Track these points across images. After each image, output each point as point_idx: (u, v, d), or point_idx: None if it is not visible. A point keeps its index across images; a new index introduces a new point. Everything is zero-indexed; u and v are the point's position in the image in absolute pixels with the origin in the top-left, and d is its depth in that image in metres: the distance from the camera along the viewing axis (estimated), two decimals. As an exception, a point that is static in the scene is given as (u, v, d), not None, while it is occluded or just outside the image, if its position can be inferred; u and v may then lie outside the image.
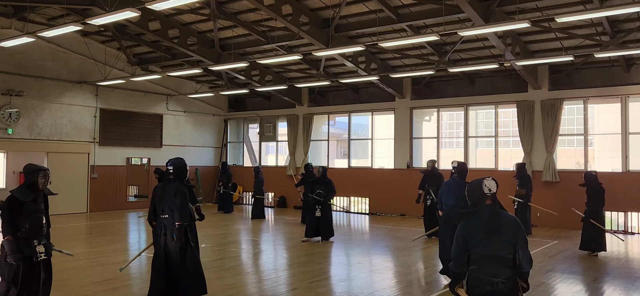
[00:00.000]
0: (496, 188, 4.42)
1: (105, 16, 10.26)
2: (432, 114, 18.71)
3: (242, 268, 9.42)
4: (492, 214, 4.36)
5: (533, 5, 11.65)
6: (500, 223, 4.33)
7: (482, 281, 4.31)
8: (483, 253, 4.30)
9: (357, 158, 22.16)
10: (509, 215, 4.46)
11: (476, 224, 4.37)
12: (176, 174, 6.64)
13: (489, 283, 4.27)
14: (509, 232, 4.31)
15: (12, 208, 5.60)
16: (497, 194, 4.45)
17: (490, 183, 4.44)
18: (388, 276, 8.95)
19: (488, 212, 4.37)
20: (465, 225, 4.46)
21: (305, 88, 19.82)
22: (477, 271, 4.35)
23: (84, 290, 7.42)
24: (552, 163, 14.97)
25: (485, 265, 4.31)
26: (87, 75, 17.54)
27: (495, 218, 4.35)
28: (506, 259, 4.30)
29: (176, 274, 6.45)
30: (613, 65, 14.49)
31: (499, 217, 4.38)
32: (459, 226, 4.47)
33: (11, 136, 15.80)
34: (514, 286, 4.34)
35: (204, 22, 14.82)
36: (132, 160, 19.10)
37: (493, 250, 4.29)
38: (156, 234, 6.55)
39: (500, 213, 4.41)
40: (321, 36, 13.36)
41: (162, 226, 6.47)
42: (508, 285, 4.29)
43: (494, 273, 4.28)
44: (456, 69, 14.84)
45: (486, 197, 4.39)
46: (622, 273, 9.02)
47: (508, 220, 4.39)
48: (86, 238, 12.86)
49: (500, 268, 4.29)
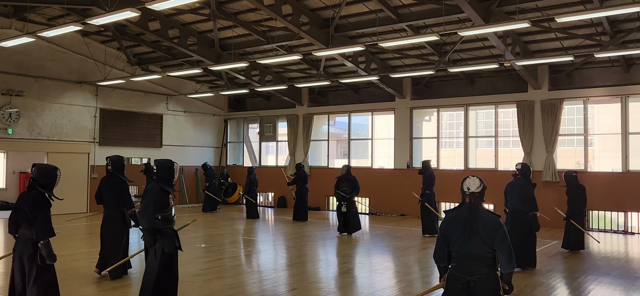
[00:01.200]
0: (478, 187, 4.46)
1: (105, 16, 10.26)
2: (432, 114, 18.70)
3: (242, 268, 9.42)
4: (470, 213, 4.39)
5: (533, 5, 11.65)
6: (477, 223, 4.34)
7: (458, 278, 4.35)
8: (460, 250, 4.38)
9: (357, 158, 22.17)
10: (489, 215, 4.45)
11: (456, 221, 4.44)
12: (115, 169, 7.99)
13: (463, 280, 4.31)
14: (486, 232, 4.32)
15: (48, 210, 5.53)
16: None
17: (469, 182, 4.50)
18: (388, 276, 8.95)
19: (468, 210, 4.42)
20: (446, 222, 4.54)
21: (305, 88, 19.82)
22: (455, 268, 4.42)
23: (84, 290, 7.42)
24: (552, 163, 14.97)
25: (462, 263, 4.38)
26: (87, 75, 17.54)
27: (473, 217, 4.36)
28: (483, 258, 4.32)
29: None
30: (613, 65, 14.49)
31: (478, 216, 4.38)
32: (441, 222, 4.64)
33: (11, 136, 15.81)
34: (493, 285, 4.33)
35: (204, 22, 14.82)
36: (132, 160, 19.09)
37: (469, 248, 4.34)
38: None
39: (479, 212, 4.41)
40: (321, 36, 13.36)
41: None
42: (484, 284, 4.28)
43: (470, 271, 4.32)
44: (456, 68, 14.83)
45: (465, 195, 4.46)
46: (622, 273, 9.02)
47: (487, 219, 4.39)
48: (86, 238, 12.85)
49: (476, 267, 4.32)
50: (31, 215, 5.35)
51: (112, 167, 8.29)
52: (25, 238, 5.42)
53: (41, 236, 5.35)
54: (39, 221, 5.35)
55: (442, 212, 9.92)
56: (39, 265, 5.38)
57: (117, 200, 8.14)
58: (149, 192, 6.25)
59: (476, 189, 4.46)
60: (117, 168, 8.31)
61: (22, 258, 5.46)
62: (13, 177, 18.84)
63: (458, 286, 4.34)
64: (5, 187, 18.66)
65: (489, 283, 4.31)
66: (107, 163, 8.34)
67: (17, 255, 5.50)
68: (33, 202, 5.40)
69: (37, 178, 5.55)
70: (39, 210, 5.38)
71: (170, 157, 19.85)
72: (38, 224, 5.35)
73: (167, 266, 6.22)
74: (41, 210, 5.39)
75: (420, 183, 13.42)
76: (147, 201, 6.17)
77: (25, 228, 5.41)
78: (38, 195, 5.46)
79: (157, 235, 6.12)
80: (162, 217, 6.12)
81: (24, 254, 5.42)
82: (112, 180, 8.24)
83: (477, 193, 4.46)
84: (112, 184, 8.22)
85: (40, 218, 5.36)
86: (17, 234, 5.52)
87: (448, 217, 4.55)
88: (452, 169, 19.06)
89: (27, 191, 5.55)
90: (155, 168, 6.49)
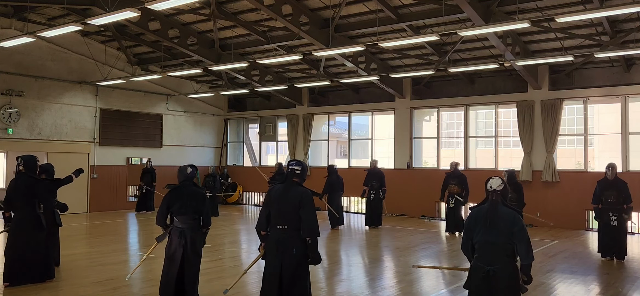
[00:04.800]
0: (500, 186, 4.92)
1: (105, 16, 10.26)
2: (432, 114, 18.70)
3: (242, 268, 9.42)
4: (491, 208, 4.84)
5: (533, 5, 11.65)
6: (498, 217, 4.77)
7: (479, 268, 4.75)
8: (481, 242, 4.80)
9: (357, 158, 22.15)
10: (508, 210, 4.84)
11: (478, 216, 4.91)
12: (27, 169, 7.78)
13: (483, 270, 4.70)
14: (505, 226, 4.73)
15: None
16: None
17: (492, 181, 4.98)
18: (388, 276, 8.96)
19: (488, 205, 4.89)
20: (470, 216, 5.03)
21: (305, 88, 19.83)
22: (477, 259, 4.82)
23: (84, 290, 7.42)
24: (552, 163, 14.97)
25: (483, 253, 4.78)
26: (87, 75, 17.54)
27: (493, 213, 4.81)
28: (503, 249, 4.71)
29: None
30: (613, 65, 14.49)
31: (497, 211, 4.81)
32: (467, 218, 5.11)
33: (11, 136, 15.80)
34: (512, 275, 4.69)
35: (204, 22, 14.81)
36: (132, 160, 19.09)
37: (490, 239, 4.75)
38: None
39: (499, 208, 4.84)
40: (321, 36, 13.36)
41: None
42: (503, 274, 4.65)
43: (490, 261, 4.70)
44: (456, 68, 14.83)
45: (488, 193, 4.93)
46: (622, 273, 9.02)
47: (507, 214, 4.80)
48: (86, 238, 12.85)
49: (496, 257, 4.70)
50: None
51: (24, 166, 7.90)
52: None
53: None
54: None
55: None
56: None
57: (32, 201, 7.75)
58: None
59: (498, 187, 4.93)
60: (30, 168, 7.90)
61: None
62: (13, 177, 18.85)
63: (479, 276, 4.73)
64: (5, 187, 18.68)
65: (508, 273, 4.67)
66: (19, 163, 7.96)
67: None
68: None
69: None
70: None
71: (170, 157, 20.07)
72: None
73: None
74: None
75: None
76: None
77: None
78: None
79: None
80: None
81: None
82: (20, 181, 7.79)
83: (499, 191, 4.92)
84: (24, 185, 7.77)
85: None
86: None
87: (472, 213, 5.02)
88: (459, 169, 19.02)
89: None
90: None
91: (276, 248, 5.41)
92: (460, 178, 13.68)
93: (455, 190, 13.57)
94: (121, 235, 13.26)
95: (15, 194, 7.65)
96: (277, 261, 5.39)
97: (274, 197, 5.51)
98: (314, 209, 5.52)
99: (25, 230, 7.58)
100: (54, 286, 7.57)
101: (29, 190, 7.69)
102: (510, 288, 4.67)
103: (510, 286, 4.67)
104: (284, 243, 5.40)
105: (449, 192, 13.67)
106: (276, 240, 5.43)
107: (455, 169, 13.89)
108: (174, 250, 6.35)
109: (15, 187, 7.72)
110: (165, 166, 19.95)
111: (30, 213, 7.64)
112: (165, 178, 20.08)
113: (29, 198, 7.67)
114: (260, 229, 5.60)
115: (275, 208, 5.46)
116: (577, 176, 15.07)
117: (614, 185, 9.95)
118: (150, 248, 7.48)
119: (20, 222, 7.59)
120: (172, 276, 6.36)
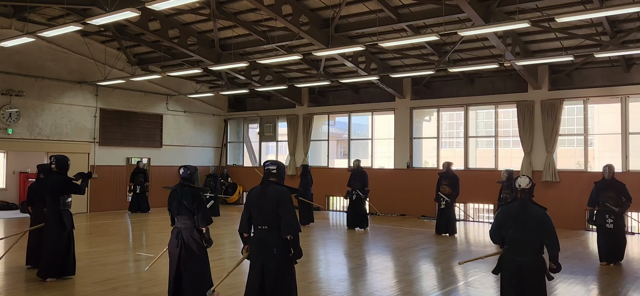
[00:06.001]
0: (528, 185, 5.31)
1: (105, 16, 10.26)
2: (432, 114, 18.70)
3: (242, 268, 9.40)
4: (520, 207, 5.29)
5: (533, 5, 11.64)
6: (528, 216, 5.22)
7: (510, 260, 5.25)
8: (513, 237, 5.24)
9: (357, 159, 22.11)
10: (538, 208, 5.29)
11: (509, 213, 5.36)
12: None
13: (514, 262, 5.20)
14: (535, 223, 5.19)
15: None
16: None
17: (520, 180, 5.37)
18: (388, 276, 8.95)
19: (518, 204, 5.31)
20: (500, 212, 5.51)
21: (305, 88, 19.83)
22: (507, 251, 5.31)
23: (84, 290, 7.42)
24: (552, 163, 14.97)
25: (514, 247, 5.24)
26: (87, 75, 17.54)
27: (523, 211, 5.25)
28: (532, 243, 5.18)
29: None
30: (613, 65, 14.49)
31: (527, 210, 5.25)
32: (497, 213, 5.59)
33: (11, 136, 15.80)
34: (540, 267, 5.21)
35: (204, 22, 14.82)
36: (132, 160, 19.08)
37: (520, 235, 5.20)
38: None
39: (529, 206, 5.28)
40: (321, 36, 13.36)
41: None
42: (533, 265, 5.18)
43: (520, 254, 5.19)
44: (456, 69, 14.83)
45: (517, 191, 5.35)
46: (622, 273, 9.02)
47: (536, 212, 5.25)
48: (86, 238, 12.84)
49: (526, 251, 5.18)
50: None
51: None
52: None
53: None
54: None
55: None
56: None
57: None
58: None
59: (526, 186, 5.32)
60: (62, 167, 8.24)
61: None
62: (13, 177, 18.86)
63: (510, 267, 5.23)
64: (5, 187, 18.69)
65: (537, 264, 5.20)
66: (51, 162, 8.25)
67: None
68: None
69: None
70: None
71: (170, 157, 20.07)
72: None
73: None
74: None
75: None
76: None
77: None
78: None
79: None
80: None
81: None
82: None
83: (527, 190, 5.31)
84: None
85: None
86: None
87: (502, 209, 5.50)
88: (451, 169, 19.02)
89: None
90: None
91: (258, 248, 5.45)
92: (453, 179, 13.58)
93: (447, 191, 13.49)
94: (121, 235, 13.26)
95: (50, 191, 7.99)
96: (259, 262, 5.41)
97: (252, 198, 5.54)
98: (292, 206, 5.47)
99: (56, 225, 7.92)
100: (54, 286, 7.57)
101: (60, 188, 8.01)
102: (538, 278, 5.19)
103: (539, 276, 5.20)
104: (264, 243, 5.41)
105: (441, 193, 13.58)
106: (257, 241, 5.47)
107: (448, 169, 13.74)
108: (172, 250, 6.49)
109: (47, 185, 8.07)
110: (165, 166, 19.98)
111: (57, 210, 7.98)
112: (165, 179, 20.15)
113: (58, 196, 7.98)
114: (243, 231, 5.63)
115: (255, 209, 5.48)
116: (577, 176, 15.07)
117: (611, 185, 9.63)
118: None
119: (51, 218, 7.95)
120: (171, 276, 6.48)
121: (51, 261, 7.81)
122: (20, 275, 8.33)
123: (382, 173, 18.78)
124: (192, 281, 6.44)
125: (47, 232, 7.93)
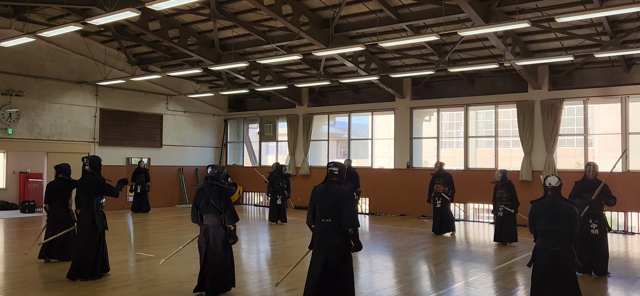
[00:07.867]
0: (557, 183, 6.11)
1: (105, 16, 10.26)
2: (432, 114, 18.70)
3: (242, 268, 9.41)
4: (550, 202, 6.10)
5: (533, 5, 11.65)
6: (559, 210, 5.99)
7: (544, 249, 5.96)
8: (546, 229, 5.97)
9: (357, 158, 22.12)
10: (567, 205, 6.06)
11: (540, 207, 6.14)
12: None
13: (548, 251, 5.91)
14: (565, 217, 5.93)
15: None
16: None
17: (550, 179, 6.17)
18: (388, 276, 8.95)
19: (549, 200, 6.13)
20: (533, 207, 6.24)
21: (305, 88, 19.83)
22: (541, 242, 6.02)
23: (84, 290, 7.42)
24: (552, 163, 14.96)
25: (547, 238, 5.95)
26: (87, 75, 17.54)
27: (554, 206, 6.04)
28: (562, 235, 5.89)
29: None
30: (613, 65, 14.49)
31: (556, 204, 6.05)
32: (530, 209, 6.23)
33: (11, 136, 15.80)
34: (570, 255, 5.92)
35: (204, 22, 14.82)
36: (132, 160, 19.09)
37: (552, 228, 5.92)
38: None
39: (558, 202, 6.07)
40: (321, 36, 13.36)
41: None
42: (565, 253, 5.89)
43: (553, 243, 5.91)
44: (456, 69, 14.83)
45: (547, 189, 6.17)
46: (622, 273, 9.02)
47: (565, 208, 6.02)
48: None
49: (557, 240, 5.90)
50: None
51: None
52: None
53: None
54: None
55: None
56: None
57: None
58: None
59: (555, 184, 6.12)
60: (95, 167, 8.38)
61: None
62: (13, 177, 18.87)
63: (545, 255, 5.94)
64: (5, 187, 18.70)
65: (568, 253, 5.92)
66: (85, 163, 8.39)
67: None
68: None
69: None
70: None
71: (170, 157, 20.08)
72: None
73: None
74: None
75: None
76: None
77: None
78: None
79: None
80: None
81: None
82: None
83: (556, 187, 6.12)
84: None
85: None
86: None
87: (535, 205, 6.22)
88: (452, 169, 19.01)
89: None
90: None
91: (321, 238, 6.21)
92: (446, 177, 13.60)
93: (441, 189, 13.49)
94: (121, 235, 13.25)
95: (82, 192, 8.09)
96: (322, 252, 6.16)
97: (317, 195, 6.34)
98: (353, 204, 6.39)
99: (87, 227, 7.99)
100: (54, 286, 7.57)
101: (94, 189, 8.09)
102: (569, 265, 5.92)
103: (570, 264, 5.92)
104: (327, 234, 6.15)
105: (435, 192, 13.59)
106: (320, 232, 6.22)
107: (441, 169, 13.78)
108: (201, 245, 6.99)
109: (83, 185, 8.16)
110: (165, 166, 19.98)
111: (90, 211, 8.03)
112: (165, 179, 20.18)
113: (92, 197, 8.07)
114: (310, 223, 6.46)
115: (319, 204, 6.28)
116: (577, 176, 15.00)
117: (594, 186, 8.66)
118: (186, 242, 8.40)
119: (83, 219, 8.04)
120: (201, 269, 7.00)
121: (81, 263, 7.82)
122: (21, 274, 8.33)
123: (382, 173, 18.79)
124: (212, 280, 6.85)
125: (79, 234, 8.06)
